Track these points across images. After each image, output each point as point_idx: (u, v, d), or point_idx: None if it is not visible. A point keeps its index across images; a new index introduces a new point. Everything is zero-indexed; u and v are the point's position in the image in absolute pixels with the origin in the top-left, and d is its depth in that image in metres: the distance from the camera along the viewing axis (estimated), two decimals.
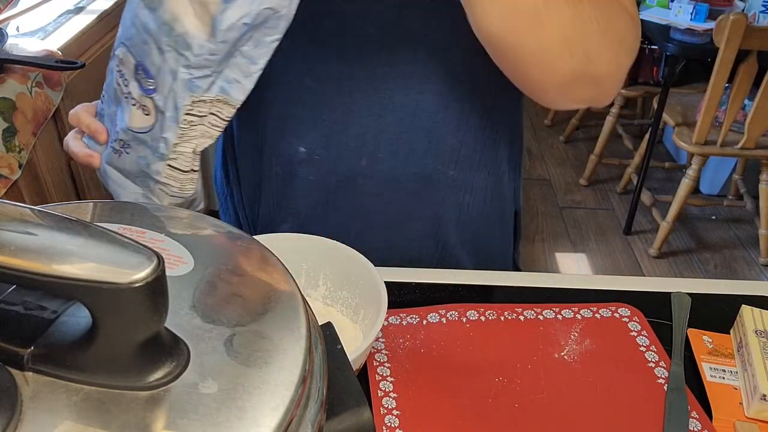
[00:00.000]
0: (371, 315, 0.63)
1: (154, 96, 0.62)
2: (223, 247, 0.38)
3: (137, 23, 0.61)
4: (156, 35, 0.59)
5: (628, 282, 0.78)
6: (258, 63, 0.61)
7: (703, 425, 0.59)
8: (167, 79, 0.61)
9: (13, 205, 0.29)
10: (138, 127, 0.64)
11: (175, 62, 0.60)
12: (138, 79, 0.62)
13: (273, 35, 0.60)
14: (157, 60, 0.60)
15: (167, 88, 0.61)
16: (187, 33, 0.58)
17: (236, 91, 0.62)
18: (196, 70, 0.59)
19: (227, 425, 0.27)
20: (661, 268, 2.44)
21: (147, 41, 0.60)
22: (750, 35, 1.92)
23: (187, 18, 0.58)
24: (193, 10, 0.57)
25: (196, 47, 0.58)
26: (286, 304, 0.34)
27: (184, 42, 0.58)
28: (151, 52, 0.60)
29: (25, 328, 0.29)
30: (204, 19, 0.57)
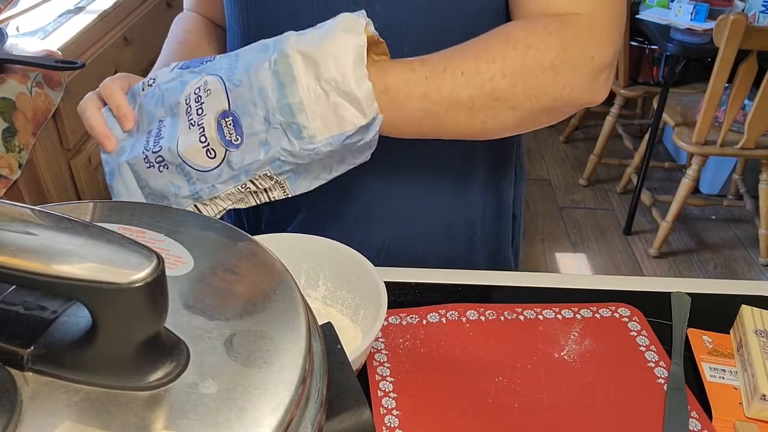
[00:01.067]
0: (371, 315, 0.63)
1: (232, 150, 0.60)
2: (223, 247, 0.38)
3: (253, 79, 0.58)
4: (271, 106, 0.57)
5: (628, 282, 0.78)
6: (331, 174, 0.62)
7: (703, 425, 0.59)
8: (256, 147, 0.59)
9: (13, 205, 0.29)
10: (193, 161, 0.61)
11: (275, 140, 0.58)
12: (222, 125, 0.60)
13: (359, 159, 0.62)
14: (258, 126, 0.59)
15: (250, 154, 0.59)
16: (307, 128, 0.57)
17: (299, 186, 0.62)
18: (291, 157, 0.59)
19: (227, 425, 0.27)
20: (661, 268, 2.44)
21: (256, 103, 0.58)
22: (750, 35, 1.92)
23: (313, 116, 0.57)
24: (323, 114, 0.57)
25: (307, 142, 0.57)
26: (286, 304, 0.34)
27: (299, 132, 0.57)
28: (255, 115, 0.58)
29: (25, 328, 0.29)
30: (330, 127, 0.57)
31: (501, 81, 0.59)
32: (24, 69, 1.21)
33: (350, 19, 0.57)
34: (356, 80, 0.55)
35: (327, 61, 0.55)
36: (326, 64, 0.55)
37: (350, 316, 0.68)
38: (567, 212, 2.74)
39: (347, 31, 0.56)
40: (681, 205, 2.34)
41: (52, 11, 1.50)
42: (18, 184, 1.20)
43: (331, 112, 0.56)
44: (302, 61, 0.56)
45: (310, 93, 0.56)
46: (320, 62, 0.56)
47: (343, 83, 0.55)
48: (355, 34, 0.56)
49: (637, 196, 2.53)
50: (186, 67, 0.65)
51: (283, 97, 0.57)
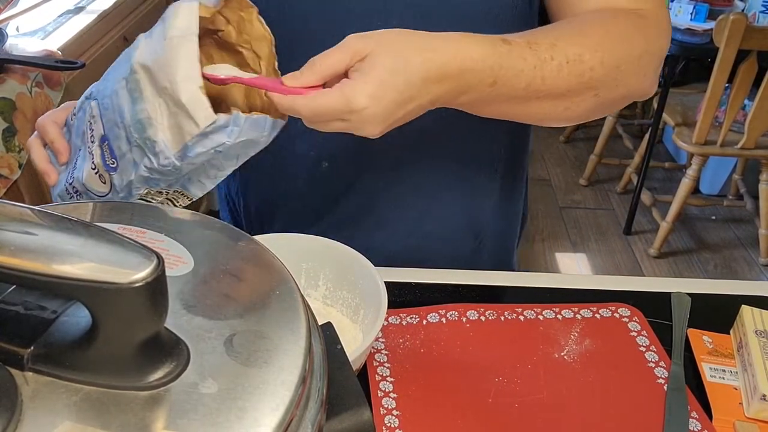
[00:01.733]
0: (371, 315, 0.63)
1: (113, 174, 0.60)
2: (223, 247, 0.38)
3: (115, 102, 0.57)
4: (128, 125, 0.57)
5: (628, 282, 0.78)
6: (225, 171, 0.60)
7: (703, 425, 0.59)
8: (129, 167, 0.59)
9: (13, 205, 0.29)
10: (92, 188, 0.62)
11: (139, 157, 0.57)
12: (102, 149, 0.60)
13: (246, 154, 0.59)
14: (124, 147, 0.58)
15: (126, 175, 0.59)
16: (157, 143, 0.55)
17: (196, 189, 0.61)
18: (157, 173, 0.58)
19: (227, 425, 0.27)
20: (661, 268, 2.44)
21: (119, 125, 0.57)
22: (750, 35, 1.92)
23: (162, 129, 0.55)
24: (170, 125, 0.55)
25: (162, 158, 0.56)
26: (286, 304, 0.34)
27: (153, 148, 0.56)
28: (120, 136, 0.58)
29: (25, 328, 0.29)
30: (177, 138, 0.55)
31: (599, 69, 0.60)
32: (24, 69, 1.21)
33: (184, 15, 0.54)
34: (185, 89, 0.53)
35: (160, 72, 0.54)
36: (160, 75, 0.54)
37: (350, 316, 0.68)
38: (567, 212, 2.74)
39: (177, 36, 0.53)
40: (681, 205, 2.34)
41: (52, 11, 1.50)
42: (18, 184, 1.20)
43: (174, 123, 0.55)
44: (144, 74, 0.55)
45: (155, 106, 0.55)
46: (155, 73, 0.54)
47: (172, 91, 0.53)
48: (184, 38, 0.53)
49: (637, 196, 2.53)
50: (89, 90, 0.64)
51: (136, 114, 0.56)
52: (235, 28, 0.59)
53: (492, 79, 0.56)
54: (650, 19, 0.64)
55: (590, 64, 0.59)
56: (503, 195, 0.84)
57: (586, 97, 0.61)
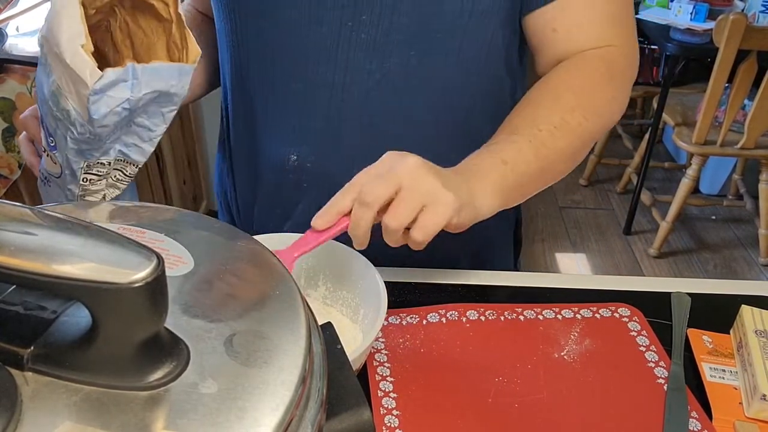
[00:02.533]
0: (371, 315, 0.63)
1: (54, 153, 0.61)
2: (223, 247, 0.38)
3: (42, 78, 0.58)
4: (47, 100, 0.57)
5: (628, 282, 0.78)
6: (156, 130, 0.61)
7: (703, 425, 0.59)
8: (62, 142, 0.59)
9: (13, 205, 0.29)
10: (51, 171, 0.64)
11: (65, 130, 0.58)
12: (44, 130, 0.61)
13: (168, 107, 0.59)
14: (52, 123, 0.59)
15: (63, 151, 0.60)
16: (69, 111, 0.55)
17: (136, 154, 0.62)
18: (83, 144, 0.58)
19: (227, 425, 0.27)
20: (661, 268, 2.44)
21: (45, 101, 0.58)
22: (750, 35, 1.92)
23: (70, 97, 0.55)
24: (72, 92, 0.55)
25: (78, 126, 0.56)
26: (286, 304, 0.34)
27: (68, 118, 0.56)
28: (48, 113, 0.58)
29: (25, 328, 0.29)
30: (82, 103, 0.55)
31: (586, 123, 0.66)
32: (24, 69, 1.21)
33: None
34: (69, 49, 0.52)
35: (52, 39, 0.53)
36: (52, 41, 0.53)
37: (350, 316, 0.68)
38: (567, 212, 2.74)
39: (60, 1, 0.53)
40: (681, 205, 2.34)
41: None
42: (18, 184, 1.20)
43: (74, 88, 0.54)
44: (46, 44, 0.54)
45: (60, 75, 0.54)
46: (50, 41, 0.53)
47: (61, 55, 0.53)
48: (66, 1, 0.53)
49: (637, 196, 2.53)
50: None
51: (50, 86, 0.56)
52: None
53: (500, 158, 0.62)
54: (617, 58, 0.70)
55: (575, 123, 0.66)
56: None
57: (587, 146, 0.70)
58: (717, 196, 2.77)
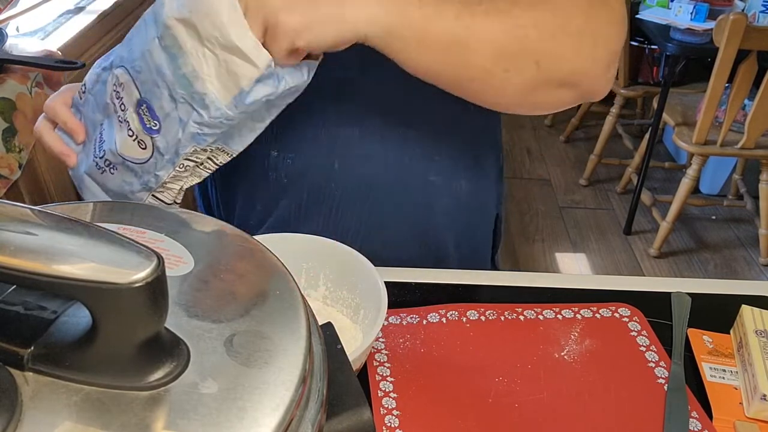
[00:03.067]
0: (371, 315, 0.63)
1: (155, 136, 0.60)
2: (223, 247, 0.38)
3: (149, 61, 0.58)
4: (171, 83, 0.57)
5: (628, 282, 0.78)
6: (265, 121, 0.61)
7: (703, 425, 0.59)
8: (174, 126, 0.59)
9: (13, 205, 0.29)
10: (130, 156, 0.62)
11: (186, 114, 0.58)
12: (140, 114, 0.60)
13: (285, 102, 0.60)
14: (167, 106, 0.58)
15: (172, 135, 0.59)
16: (207, 95, 0.56)
17: (237, 144, 0.62)
18: (207, 128, 0.58)
19: (227, 425, 0.27)
20: (661, 268, 2.44)
21: (158, 84, 0.58)
22: (750, 35, 1.92)
23: (209, 80, 0.56)
24: (218, 75, 0.55)
25: (213, 110, 0.56)
26: (286, 304, 0.34)
27: (202, 101, 0.56)
28: (162, 95, 0.58)
29: (25, 328, 0.29)
30: (229, 87, 0.56)
31: (531, 30, 0.58)
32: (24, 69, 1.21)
33: None
34: (235, 32, 0.53)
35: (203, 22, 0.53)
36: (203, 24, 0.53)
37: (350, 316, 0.68)
38: (567, 212, 2.74)
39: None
40: (681, 205, 2.34)
41: (52, 11, 1.50)
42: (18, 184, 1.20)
43: (225, 71, 0.55)
44: (182, 28, 0.55)
45: (200, 57, 0.55)
46: (197, 24, 0.54)
47: (223, 39, 0.53)
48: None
49: (637, 196, 2.53)
50: (103, 63, 0.65)
51: (177, 69, 0.56)
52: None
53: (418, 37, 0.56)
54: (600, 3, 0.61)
55: (521, 21, 0.57)
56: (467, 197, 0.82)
57: (527, 62, 0.59)
58: (717, 196, 2.77)
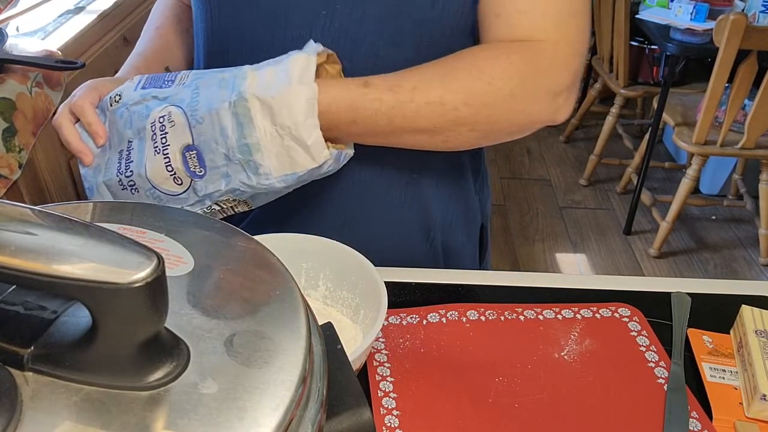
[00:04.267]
0: (371, 315, 0.63)
1: (196, 180, 0.65)
2: (223, 247, 0.38)
3: (215, 118, 0.62)
4: (231, 145, 0.62)
5: (628, 282, 0.78)
6: (289, 189, 0.66)
7: (703, 425, 0.59)
8: (219, 178, 0.64)
9: (13, 205, 0.29)
10: (163, 187, 0.66)
11: (235, 173, 0.63)
12: (186, 157, 0.64)
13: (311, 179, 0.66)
14: (219, 161, 0.63)
15: (214, 184, 0.64)
16: (262, 166, 0.62)
17: (260, 201, 0.68)
18: (250, 189, 0.64)
19: (227, 425, 0.27)
20: (661, 268, 2.44)
21: (218, 141, 0.62)
22: (750, 35, 1.92)
23: (269, 155, 0.62)
24: (278, 154, 0.62)
25: (263, 179, 0.63)
26: (286, 304, 0.34)
27: (255, 169, 0.62)
28: (216, 151, 0.63)
29: (25, 328, 0.29)
30: (284, 166, 0.62)
31: (464, 110, 0.64)
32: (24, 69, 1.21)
33: (303, 65, 0.62)
34: (307, 129, 0.60)
35: (282, 110, 0.60)
36: (281, 112, 0.60)
37: (350, 316, 0.68)
38: (567, 212, 2.74)
39: (301, 82, 0.61)
40: (681, 205, 2.34)
41: (52, 11, 1.49)
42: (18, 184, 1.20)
43: (285, 154, 0.61)
44: (259, 105, 0.60)
45: (267, 135, 0.61)
46: (275, 109, 0.60)
47: (295, 131, 0.60)
48: (307, 86, 0.61)
49: (637, 196, 2.53)
50: (150, 85, 0.67)
51: (242, 137, 0.61)
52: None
53: (351, 118, 0.64)
54: (543, 54, 0.65)
55: (452, 105, 0.64)
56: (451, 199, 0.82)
57: (461, 131, 0.66)
58: (717, 196, 2.77)
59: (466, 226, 0.86)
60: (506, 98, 0.64)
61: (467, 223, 0.87)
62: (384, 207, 0.79)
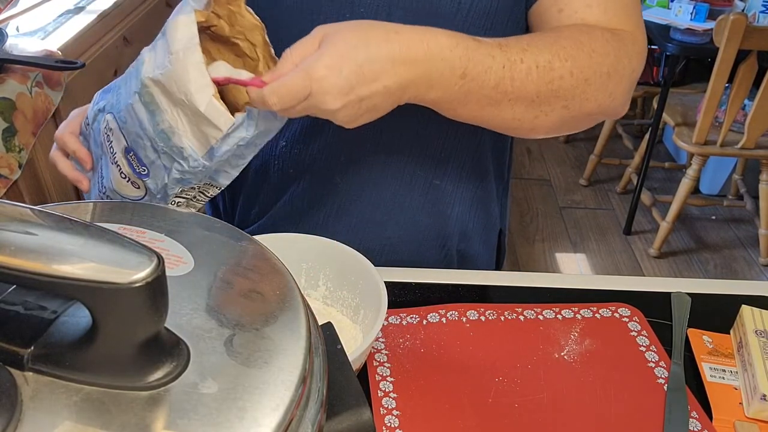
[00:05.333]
0: (371, 315, 0.63)
1: (145, 180, 0.63)
2: (223, 247, 0.38)
3: (132, 114, 0.60)
4: (152, 136, 0.60)
5: (628, 282, 0.78)
6: (246, 158, 0.63)
7: (703, 425, 0.59)
8: (160, 172, 0.62)
9: (13, 205, 0.29)
10: (126, 194, 0.66)
11: (169, 162, 0.61)
12: (129, 160, 0.63)
13: (263, 139, 0.62)
14: (152, 155, 0.61)
15: (160, 179, 0.62)
16: (184, 149, 0.59)
17: (223, 179, 0.64)
18: (189, 174, 0.61)
19: (227, 425, 0.27)
20: (661, 268, 2.44)
21: (142, 136, 0.60)
22: (750, 35, 1.92)
23: (185, 136, 0.58)
24: (192, 131, 0.58)
25: (192, 161, 0.59)
26: (286, 304, 0.34)
27: (180, 154, 0.59)
28: (145, 146, 0.61)
29: (25, 328, 0.29)
30: (202, 141, 0.58)
31: (568, 79, 0.61)
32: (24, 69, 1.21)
33: (182, 28, 0.56)
34: (199, 98, 0.56)
35: (172, 86, 0.56)
36: (172, 88, 0.56)
37: (350, 316, 0.68)
38: (567, 212, 2.74)
39: (182, 48, 0.56)
40: (681, 205, 2.34)
41: (52, 11, 1.49)
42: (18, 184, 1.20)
43: (197, 129, 0.58)
44: (156, 87, 0.57)
45: (175, 115, 0.58)
46: (167, 87, 0.57)
47: (188, 102, 0.56)
48: (188, 50, 0.55)
49: (637, 196, 2.53)
50: (100, 99, 0.68)
51: (157, 125, 0.59)
52: (227, 22, 0.60)
53: (461, 70, 0.57)
54: (626, 40, 0.65)
55: (559, 73, 0.60)
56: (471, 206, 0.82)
57: (556, 107, 0.63)
58: (717, 196, 2.76)
59: (484, 233, 0.86)
60: (602, 76, 0.63)
61: (486, 231, 0.86)
62: (401, 211, 0.79)
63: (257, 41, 0.61)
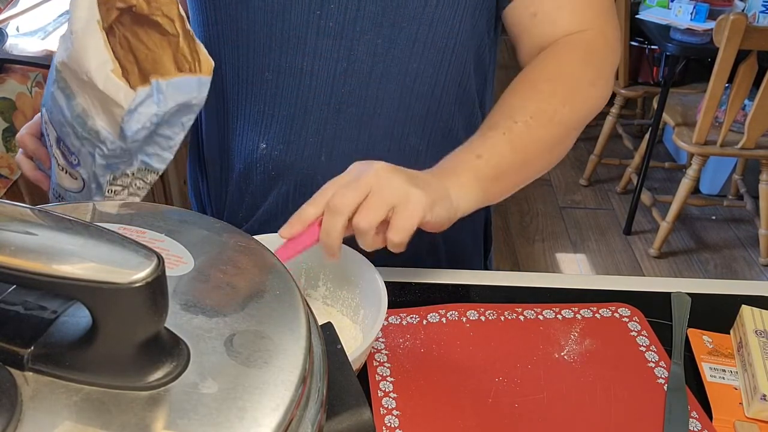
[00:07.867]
0: (371, 315, 0.63)
1: (78, 169, 0.63)
2: (223, 247, 0.38)
3: (55, 103, 0.60)
4: (71, 123, 0.59)
5: (628, 282, 0.78)
6: (175, 138, 0.63)
7: (703, 425, 0.59)
8: (88, 159, 0.62)
9: (13, 205, 0.29)
10: (68, 187, 0.65)
11: (92, 148, 0.60)
12: (62, 150, 0.63)
13: (188, 116, 0.61)
14: (76, 143, 0.61)
15: (89, 167, 0.62)
16: (99, 132, 0.58)
17: (157, 162, 0.64)
18: (112, 158, 0.60)
19: (227, 425, 0.27)
20: (661, 268, 2.44)
21: (64, 124, 0.60)
22: (750, 35, 1.92)
23: (98, 117, 0.58)
24: (103, 112, 0.57)
25: (109, 143, 0.59)
26: (286, 304, 0.34)
27: (98, 137, 0.59)
28: (70, 134, 0.61)
29: (25, 328, 0.29)
30: (112, 122, 0.58)
31: (565, 109, 0.66)
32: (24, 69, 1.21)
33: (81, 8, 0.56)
34: (96, 74, 0.55)
35: (76, 66, 0.56)
36: (77, 69, 0.56)
37: (350, 316, 0.68)
38: (567, 212, 2.74)
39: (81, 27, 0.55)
40: (681, 205, 2.34)
41: (52, 11, 1.50)
42: (18, 184, 1.20)
43: (104, 109, 0.57)
44: (66, 71, 0.57)
45: (86, 98, 0.57)
46: (74, 69, 0.56)
47: (90, 81, 0.56)
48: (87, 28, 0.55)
49: (637, 196, 2.53)
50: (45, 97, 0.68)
51: (72, 110, 0.59)
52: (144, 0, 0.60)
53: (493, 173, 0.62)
54: (596, 40, 0.69)
55: (552, 110, 0.65)
56: None
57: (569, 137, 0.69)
58: (717, 196, 2.77)
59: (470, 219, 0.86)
60: (588, 88, 0.68)
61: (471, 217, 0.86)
62: None
63: (174, 14, 0.61)
